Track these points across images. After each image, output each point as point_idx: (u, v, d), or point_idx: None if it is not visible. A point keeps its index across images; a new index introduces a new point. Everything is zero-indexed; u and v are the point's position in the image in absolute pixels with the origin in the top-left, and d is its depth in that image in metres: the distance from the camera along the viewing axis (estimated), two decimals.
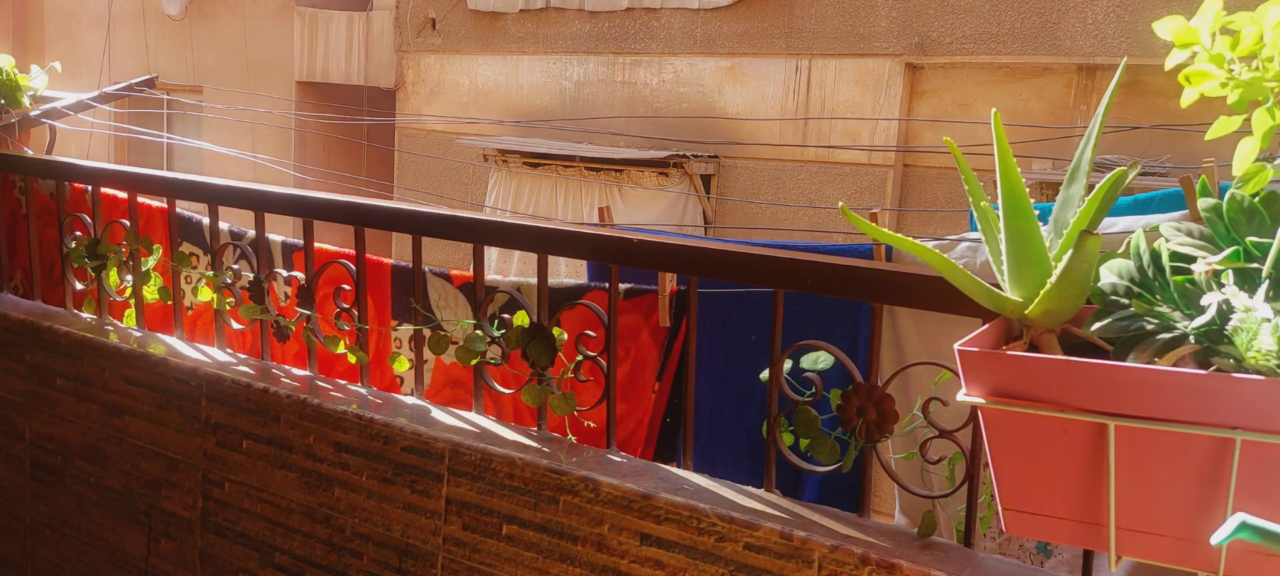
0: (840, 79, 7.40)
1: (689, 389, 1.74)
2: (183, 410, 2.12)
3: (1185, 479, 0.91)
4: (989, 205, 1.09)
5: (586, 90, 8.66)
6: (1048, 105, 6.68)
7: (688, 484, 1.62)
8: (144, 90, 3.84)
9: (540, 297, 1.81)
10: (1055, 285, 0.97)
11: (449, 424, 1.86)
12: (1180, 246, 0.97)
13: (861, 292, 1.54)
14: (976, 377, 0.97)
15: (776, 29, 7.62)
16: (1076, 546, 1.21)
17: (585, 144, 8.22)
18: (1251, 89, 0.92)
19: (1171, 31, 0.95)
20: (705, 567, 1.53)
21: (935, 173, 7.10)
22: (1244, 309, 0.86)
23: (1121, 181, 0.99)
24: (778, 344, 1.58)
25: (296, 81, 10.84)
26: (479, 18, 9.15)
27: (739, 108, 7.85)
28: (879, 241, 2.54)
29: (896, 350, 3.02)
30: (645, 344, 3.05)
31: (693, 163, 7.74)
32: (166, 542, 2.10)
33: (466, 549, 1.77)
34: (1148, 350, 0.93)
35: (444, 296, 3.05)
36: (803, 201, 7.45)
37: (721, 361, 3.08)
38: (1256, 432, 0.86)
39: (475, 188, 8.89)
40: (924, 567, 1.38)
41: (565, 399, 1.79)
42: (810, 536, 1.46)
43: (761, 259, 1.62)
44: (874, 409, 1.47)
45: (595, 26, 8.52)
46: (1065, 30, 6.54)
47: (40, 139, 3.37)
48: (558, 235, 1.82)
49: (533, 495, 1.69)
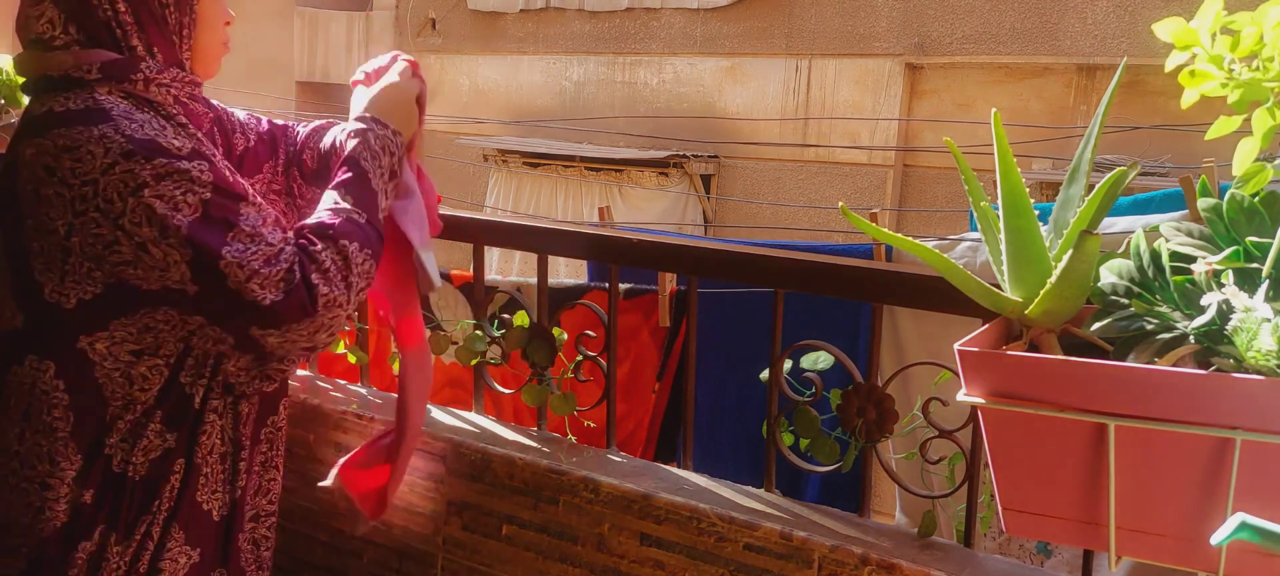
0: (840, 79, 7.40)
1: (689, 389, 1.75)
2: None
3: (1185, 479, 0.91)
4: (989, 205, 1.09)
5: (586, 90, 8.66)
6: (1048, 105, 6.69)
7: (688, 484, 1.62)
8: None
9: (540, 297, 1.81)
10: (1055, 285, 0.97)
11: (449, 424, 1.86)
12: (1180, 246, 0.97)
13: (861, 293, 1.54)
14: (976, 377, 0.97)
15: (776, 29, 7.62)
16: (1076, 546, 1.21)
17: (585, 144, 8.22)
18: (1251, 89, 0.92)
19: (1171, 33, 0.95)
20: (705, 568, 1.53)
21: (935, 173, 7.10)
22: (1244, 309, 0.86)
23: (1121, 181, 0.99)
24: (778, 344, 1.58)
25: (296, 81, 10.85)
26: (479, 18, 9.16)
27: (739, 108, 7.86)
28: (879, 241, 2.54)
29: (896, 350, 3.03)
30: (645, 344, 3.05)
31: (693, 163, 7.74)
32: None
33: (466, 549, 1.77)
34: (1148, 350, 0.93)
35: (444, 296, 3.06)
36: (803, 201, 7.46)
37: (722, 361, 3.09)
38: (1256, 432, 0.86)
39: (475, 188, 8.89)
40: (924, 567, 1.38)
41: (565, 399, 1.79)
42: (810, 536, 1.46)
43: (761, 259, 1.62)
44: (874, 409, 1.47)
45: (595, 26, 8.52)
46: (1065, 30, 6.54)
47: None
48: (558, 235, 1.82)
49: (532, 495, 1.69)
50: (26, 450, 1.33)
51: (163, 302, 1.28)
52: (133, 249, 1.24)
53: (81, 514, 1.34)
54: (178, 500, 1.40)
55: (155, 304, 1.29)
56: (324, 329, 1.33)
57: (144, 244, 1.24)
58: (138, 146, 1.26)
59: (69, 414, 1.32)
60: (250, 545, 1.52)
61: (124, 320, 1.30)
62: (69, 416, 1.32)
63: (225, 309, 1.28)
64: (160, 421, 1.36)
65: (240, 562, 1.50)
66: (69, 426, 1.32)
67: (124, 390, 1.32)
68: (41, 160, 1.26)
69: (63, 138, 1.26)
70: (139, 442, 1.35)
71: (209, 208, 1.26)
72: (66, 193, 1.24)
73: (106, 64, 1.31)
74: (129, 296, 1.28)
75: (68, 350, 1.30)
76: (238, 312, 1.28)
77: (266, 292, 1.27)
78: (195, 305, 1.28)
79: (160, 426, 1.36)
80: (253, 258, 1.26)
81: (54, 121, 1.28)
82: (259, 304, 1.26)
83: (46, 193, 1.25)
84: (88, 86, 1.30)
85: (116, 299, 1.28)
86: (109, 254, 1.25)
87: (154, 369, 1.33)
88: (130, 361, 1.32)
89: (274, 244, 1.29)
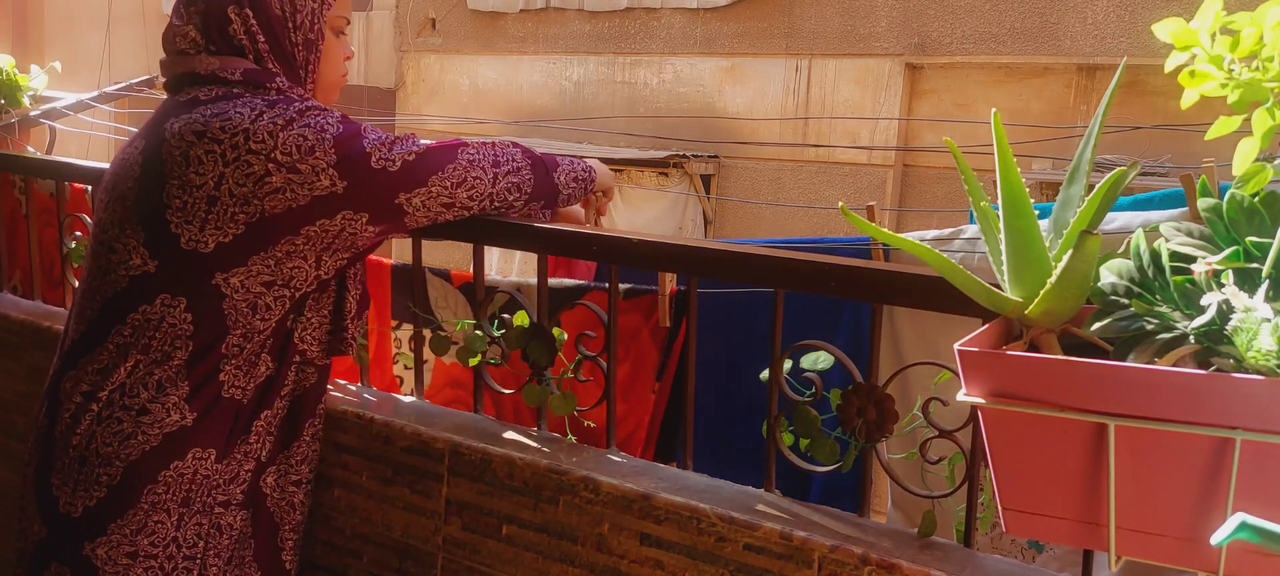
0: (840, 79, 7.40)
1: (689, 389, 1.74)
2: None
3: (1185, 479, 0.91)
4: (989, 205, 1.09)
5: (586, 90, 8.66)
6: (1048, 105, 6.69)
7: (688, 484, 1.62)
8: (144, 90, 3.84)
9: (540, 298, 1.81)
10: (1055, 285, 0.97)
11: (449, 423, 1.86)
12: (1180, 246, 0.97)
13: (862, 292, 1.54)
14: (976, 377, 0.97)
15: (776, 29, 7.62)
16: (1076, 546, 1.21)
17: (585, 144, 8.22)
18: (1251, 89, 0.92)
19: (1171, 33, 0.95)
20: (705, 568, 1.53)
21: (935, 173, 7.10)
22: (1244, 309, 0.86)
23: (1121, 181, 0.99)
24: (778, 344, 1.58)
25: None
26: (479, 18, 9.15)
27: (739, 108, 7.85)
28: (878, 240, 2.53)
29: (896, 350, 3.03)
30: (645, 344, 3.05)
31: (693, 163, 7.74)
32: None
33: (466, 549, 1.77)
34: (1148, 350, 0.93)
35: (444, 296, 3.06)
36: (803, 201, 7.46)
37: (721, 361, 3.09)
38: (1256, 432, 0.85)
39: None
40: (924, 567, 1.38)
41: (565, 399, 1.79)
42: (810, 536, 1.46)
43: (761, 259, 1.62)
44: (874, 409, 1.47)
45: (595, 26, 8.52)
46: (1065, 30, 6.54)
47: (40, 139, 3.37)
48: (558, 235, 1.82)
49: (532, 495, 1.69)
50: (133, 381, 1.49)
51: (305, 220, 1.47)
52: (283, 176, 1.44)
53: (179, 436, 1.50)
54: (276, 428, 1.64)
55: (297, 226, 1.47)
56: (464, 185, 1.57)
57: (294, 165, 1.44)
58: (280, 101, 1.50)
59: (189, 343, 1.49)
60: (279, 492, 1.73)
61: (262, 254, 1.47)
62: (189, 346, 1.49)
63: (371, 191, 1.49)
64: (268, 352, 1.57)
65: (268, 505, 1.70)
66: (186, 354, 1.49)
67: (247, 320, 1.51)
68: (191, 127, 1.47)
69: (209, 111, 1.48)
70: (252, 370, 1.55)
71: (344, 125, 1.50)
72: (217, 147, 1.44)
73: (248, 70, 1.53)
74: (268, 230, 1.46)
75: (202, 286, 1.47)
76: (385, 186, 1.49)
77: (408, 154, 1.51)
78: (343, 201, 1.48)
79: (268, 356, 1.57)
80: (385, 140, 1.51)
81: (199, 104, 1.50)
82: (406, 161, 1.50)
83: (196, 153, 1.45)
84: (229, 85, 1.52)
85: (256, 235, 1.46)
86: (258, 188, 1.44)
87: (279, 299, 1.53)
88: (260, 293, 1.50)
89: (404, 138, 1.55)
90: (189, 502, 1.53)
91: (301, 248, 1.50)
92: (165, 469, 1.50)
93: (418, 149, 1.54)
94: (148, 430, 1.49)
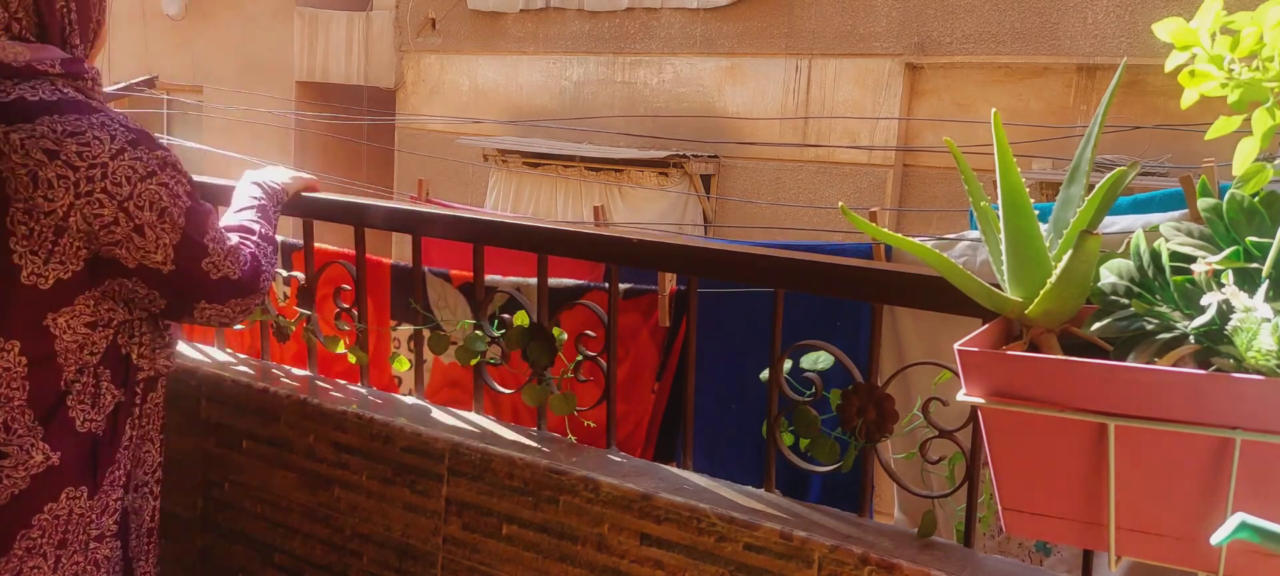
0: (840, 79, 7.40)
1: (689, 389, 1.74)
2: (182, 410, 2.12)
3: (1185, 479, 0.91)
4: (989, 205, 1.09)
5: (586, 90, 8.66)
6: (1048, 105, 6.69)
7: (688, 484, 1.62)
8: (144, 90, 3.84)
9: (540, 297, 1.81)
10: (1055, 285, 0.97)
11: (449, 424, 1.86)
12: (1180, 246, 0.97)
13: (861, 292, 1.54)
14: (976, 377, 0.97)
15: (776, 29, 7.62)
16: (1076, 546, 1.21)
17: (585, 144, 8.22)
18: (1251, 89, 0.92)
19: (1171, 33, 0.95)
20: (705, 568, 1.53)
21: (935, 173, 7.10)
22: (1244, 309, 0.86)
23: (1121, 181, 0.99)
24: (778, 344, 1.58)
25: (296, 81, 10.84)
26: (479, 18, 9.16)
27: (739, 108, 7.86)
28: (878, 240, 2.54)
29: (896, 350, 3.03)
30: (645, 344, 3.05)
31: (692, 163, 7.74)
32: (167, 543, 2.10)
33: (466, 549, 1.77)
34: (1148, 350, 0.93)
35: (444, 296, 3.06)
36: (803, 201, 7.46)
37: (721, 361, 3.09)
38: (1256, 432, 0.86)
39: (475, 188, 8.90)
40: (924, 567, 1.38)
41: (565, 399, 1.79)
42: (810, 536, 1.46)
43: (761, 259, 1.62)
44: (874, 409, 1.47)
45: (595, 26, 8.52)
46: (1065, 30, 6.54)
47: None
48: (558, 235, 1.82)
49: (532, 495, 1.69)
50: None
51: (124, 276, 1.41)
52: (129, 229, 1.36)
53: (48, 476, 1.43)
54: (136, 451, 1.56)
55: (117, 276, 1.40)
56: (257, 304, 1.58)
57: (143, 226, 1.37)
58: (139, 137, 1.40)
59: (25, 383, 1.40)
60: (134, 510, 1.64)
61: (86, 293, 1.40)
62: (25, 387, 1.40)
63: (187, 285, 1.45)
64: (109, 380, 1.49)
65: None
66: (24, 395, 1.40)
67: (77, 357, 1.43)
68: (40, 144, 1.32)
69: (60, 124, 1.34)
70: (98, 401, 1.47)
71: (195, 199, 1.44)
72: (72, 174, 1.32)
73: (65, 61, 1.41)
74: (98, 270, 1.39)
75: (35, 327, 1.38)
76: (198, 288, 1.46)
77: (233, 270, 1.49)
78: (161, 280, 1.42)
79: (110, 384, 1.49)
80: (223, 243, 1.48)
81: (40, 109, 1.35)
82: (228, 279, 1.48)
83: (47, 175, 1.32)
84: (50, 79, 1.39)
85: (88, 273, 1.38)
86: (104, 232, 1.35)
87: (103, 335, 1.45)
88: (85, 333, 1.43)
89: (232, 235, 1.54)
90: (65, 544, 1.45)
91: (115, 292, 1.43)
92: (39, 512, 1.42)
93: (243, 268, 1.50)
94: (11, 473, 1.39)
